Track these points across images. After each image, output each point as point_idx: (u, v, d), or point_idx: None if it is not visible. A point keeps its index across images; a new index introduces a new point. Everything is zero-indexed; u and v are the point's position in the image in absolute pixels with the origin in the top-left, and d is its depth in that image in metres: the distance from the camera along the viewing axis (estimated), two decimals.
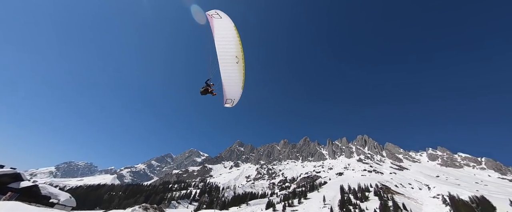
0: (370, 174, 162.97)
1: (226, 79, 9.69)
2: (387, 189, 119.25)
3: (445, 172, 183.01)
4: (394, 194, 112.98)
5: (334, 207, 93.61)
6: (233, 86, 9.87)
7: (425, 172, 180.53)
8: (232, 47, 9.05)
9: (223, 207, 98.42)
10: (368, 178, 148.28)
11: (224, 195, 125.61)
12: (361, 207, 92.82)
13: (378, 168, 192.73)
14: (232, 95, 10.15)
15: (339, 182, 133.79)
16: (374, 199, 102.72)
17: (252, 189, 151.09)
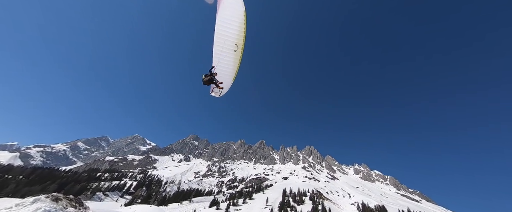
0: (309, 181, 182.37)
1: (219, 67, 8.87)
2: (320, 194, 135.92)
3: (363, 185, 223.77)
4: (325, 199, 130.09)
5: (275, 208, 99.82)
6: (224, 75, 9.16)
7: (350, 183, 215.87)
8: (235, 32, 8.19)
9: (162, 202, 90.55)
10: (307, 184, 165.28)
11: (165, 189, 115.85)
12: (297, 210, 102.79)
13: (317, 176, 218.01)
14: (225, 81, 9.33)
15: (283, 186, 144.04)
16: (308, 203, 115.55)
17: (199, 185, 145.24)
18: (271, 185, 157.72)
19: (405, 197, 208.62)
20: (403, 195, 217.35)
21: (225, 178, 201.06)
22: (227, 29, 8.11)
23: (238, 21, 7.90)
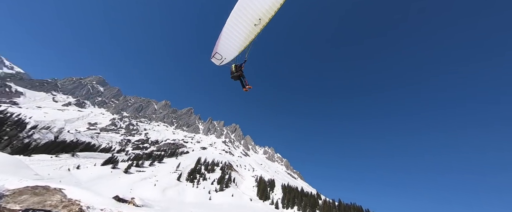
0: (225, 154, 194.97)
1: (230, 34, 7.84)
2: (230, 166, 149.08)
3: (266, 163, 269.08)
4: (233, 171, 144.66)
5: (184, 173, 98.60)
6: (232, 45, 8.05)
7: (257, 160, 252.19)
8: (266, 7, 7.26)
9: (22, 151, 65.13)
10: (223, 156, 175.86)
11: (32, 135, 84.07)
12: (206, 176, 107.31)
13: (233, 151, 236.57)
14: (226, 53, 8.26)
15: (199, 155, 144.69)
16: (218, 172, 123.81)
17: (93, 139, 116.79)
18: (187, 152, 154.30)
19: (289, 175, 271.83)
20: (288, 173, 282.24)
21: (134, 137, 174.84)
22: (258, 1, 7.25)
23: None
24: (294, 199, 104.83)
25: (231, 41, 8.03)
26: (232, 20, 7.56)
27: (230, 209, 60.27)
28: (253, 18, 7.58)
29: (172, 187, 78.04)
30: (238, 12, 7.43)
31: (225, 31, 7.82)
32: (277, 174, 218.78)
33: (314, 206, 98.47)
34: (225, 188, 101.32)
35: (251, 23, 7.65)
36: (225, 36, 7.93)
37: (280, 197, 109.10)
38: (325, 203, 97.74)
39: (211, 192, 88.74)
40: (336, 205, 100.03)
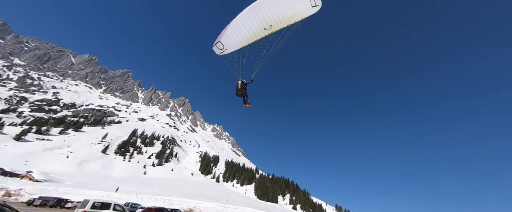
0: (169, 128, 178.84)
1: (238, 29, 7.84)
2: (173, 141, 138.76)
3: (213, 140, 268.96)
4: (176, 145, 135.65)
5: (113, 146, 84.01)
6: (237, 39, 8.10)
7: (204, 137, 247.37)
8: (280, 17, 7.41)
9: None
10: (166, 130, 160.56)
11: None
12: (143, 150, 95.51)
13: (178, 126, 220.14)
14: (229, 45, 8.31)
15: (135, 126, 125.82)
16: (159, 146, 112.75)
17: None
18: (119, 122, 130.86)
19: (234, 152, 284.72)
20: (234, 151, 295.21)
21: (34, 95, 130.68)
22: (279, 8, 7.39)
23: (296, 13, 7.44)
24: (235, 173, 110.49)
25: (237, 35, 8.05)
26: (244, 16, 7.56)
27: (166, 183, 56.25)
28: (265, 22, 7.64)
29: (95, 161, 64.96)
30: (252, 11, 7.43)
31: (234, 24, 7.75)
32: (222, 151, 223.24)
33: (252, 179, 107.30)
34: (164, 163, 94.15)
35: (262, 25, 7.71)
36: (232, 29, 7.90)
37: (222, 172, 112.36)
38: (261, 176, 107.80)
39: (147, 167, 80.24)
40: (270, 178, 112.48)
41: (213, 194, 46.81)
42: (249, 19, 7.67)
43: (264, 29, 7.77)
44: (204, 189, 55.22)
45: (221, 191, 60.66)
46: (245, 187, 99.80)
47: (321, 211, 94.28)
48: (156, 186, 50.87)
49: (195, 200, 27.43)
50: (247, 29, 7.87)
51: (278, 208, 62.93)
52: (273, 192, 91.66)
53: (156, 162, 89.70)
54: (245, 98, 8.92)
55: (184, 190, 42.90)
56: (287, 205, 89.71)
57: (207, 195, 40.01)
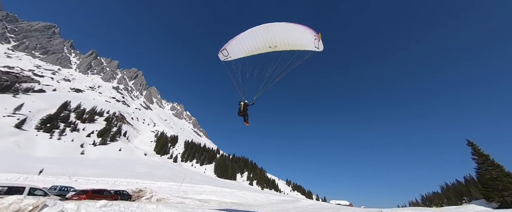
0: (117, 103, 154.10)
1: (244, 41, 8.42)
2: (122, 118, 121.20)
3: (172, 120, 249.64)
4: (125, 123, 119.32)
5: (33, 120, 66.06)
6: (241, 49, 8.74)
7: (161, 115, 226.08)
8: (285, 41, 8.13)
9: None
10: (112, 105, 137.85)
11: None
12: (78, 127, 79.82)
13: (129, 101, 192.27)
14: (233, 53, 8.90)
15: (68, 98, 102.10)
16: (101, 123, 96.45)
17: None
18: (41, 91, 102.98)
19: (195, 133, 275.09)
20: (195, 131, 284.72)
21: None
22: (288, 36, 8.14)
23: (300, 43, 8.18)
24: (194, 154, 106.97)
25: (242, 46, 8.81)
26: (252, 32, 8.20)
27: (112, 163, 48.62)
28: (270, 41, 8.32)
29: (4, 137, 49.59)
30: (262, 29, 8.08)
31: (241, 37, 8.48)
32: (182, 131, 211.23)
33: (212, 159, 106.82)
34: (109, 142, 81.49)
35: (267, 44, 8.43)
36: (239, 40, 8.63)
37: (181, 152, 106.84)
38: (222, 156, 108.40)
39: (86, 146, 67.50)
40: (230, 157, 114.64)
41: (169, 174, 42.97)
42: (256, 35, 8.16)
43: (268, 46, 8.35)
44: (159, 169, 50.47)
45: (178, 171, 57.13)
46: (205, 166, 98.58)
47: (274, 185, 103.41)
48: (99, 167, 43.18)
49: (148, 181, 24.43)
50: (253, 43, 8.40)
51: (236, 184, 64.50)
52: (232, 170, 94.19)
53: (98, 141, 76.55)
54: (246, 118, 9.39)
55: (135, 171, 37.50)
56: (245, 181, 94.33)
57: (162, 175, 36.29)
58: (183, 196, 16.18)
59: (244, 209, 12.71)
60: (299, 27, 7.55)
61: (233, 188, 31.38)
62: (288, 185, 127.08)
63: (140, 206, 8.76)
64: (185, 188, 21.51)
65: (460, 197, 48.86)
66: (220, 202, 16.07)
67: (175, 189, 19.77)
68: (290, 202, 23.55)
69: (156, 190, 16.21)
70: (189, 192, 19.18)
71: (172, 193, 16.62)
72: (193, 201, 14.62)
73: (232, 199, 18.97)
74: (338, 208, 22.20)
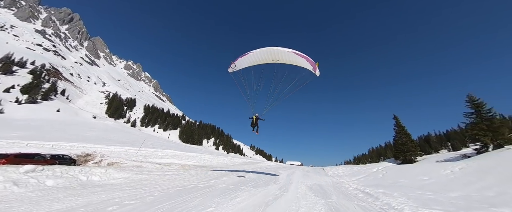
0: (45, 53, 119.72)
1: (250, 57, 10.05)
2: (56, 73, 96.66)
3: (127, 80, 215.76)
4: (62, 79, 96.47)
5: None
6: (247, 62, 10.28)
7: (112, 74, 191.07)
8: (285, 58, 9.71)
9: None
10: (38, 55, 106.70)
11: None
12: None
13: (65, 52, 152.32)
14: (240, 65, 10.42)
15: None
16: (25, 76, 73.74)
17: None
18: None
19: (157, 97, 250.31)
20: (157, 96, 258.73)
21: None
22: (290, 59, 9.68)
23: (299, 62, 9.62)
24: (157, 119, 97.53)
25: (248, 59, 10.28)
26: (259, 51, 9.78)
27: (49, 125, 38.45)
28: (273, 57, 9.88)
29: None
30: (266, 50, 9.71)
31: (248, 57, 10.04)
32: (141, 94, 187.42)
33: (177, 124, 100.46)
34: (41, 101, 64.53)
35: (270, 58, 9.99)
36: (247, 59, 10.18)
37: (140, 117, 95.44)
38: (187, 122, 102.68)
39: (4, 103, 51.19)
40: (197, 124, 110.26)
41: (126, 138, 36.44)
42: (262, 53, 9.81)
43: (271, 59, 10.00)
44: (114, 133, 42.77)
45: (138, 136, 50.12)
46: (169, 132, 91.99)
47: (239, 150, 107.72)
48: (30, 129, 33.07)
49: (99, 145, 20.90)
50: (257, 58, 10.06)
51: (202, 149, 62.46)
52: (199, 136, 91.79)
53: (23, 99, 59.06)
54: (256, 128, 10.86)
55: (82, 135, 29.53)
56: (211, 146, 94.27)
57: (118, 140, 30.47)
58: (141, 160, 14.88)
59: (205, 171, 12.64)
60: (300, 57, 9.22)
61: (198, 153, 29.28)
62: (252, 150, 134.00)
63: (84, 170, 7.51)
64: (144, 152, 19.90)
65: (379, 157, 62.84)
66: (182, 165, 15.34)
67: (133, 154, 17.91)
68: (251, 163, 25.30)
69: (109, 155, 14.40)
70: (149, 156, 17.76)
71: (129, 158, 14.88)
72: (152, 165, 13.43)
73: (195, 162, 18.31)
74: (291, 167, 27.95)
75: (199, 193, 5.69)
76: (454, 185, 7.32)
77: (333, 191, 7.32)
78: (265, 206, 4.65)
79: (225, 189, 6.53)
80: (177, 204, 4.47)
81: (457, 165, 10.02)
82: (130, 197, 4.90)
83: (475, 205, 4.92)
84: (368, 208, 4.93)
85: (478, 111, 21.15)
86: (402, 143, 30.93)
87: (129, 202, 4.42)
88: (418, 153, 31.08)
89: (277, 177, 11.15)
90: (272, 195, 6.06)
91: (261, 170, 16.85)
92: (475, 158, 12.24)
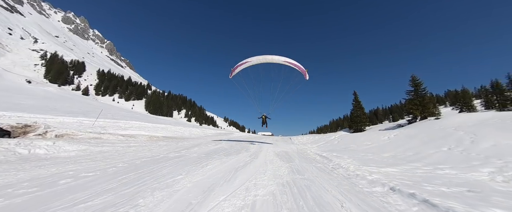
0: None
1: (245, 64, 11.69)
2: None
3: (69, 37, 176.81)
4: None
5: None
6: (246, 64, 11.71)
7: (46, 28, 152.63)
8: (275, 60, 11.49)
9: None
10: None
11: None
12: None
13: None
14: (239, 68, 11.89)
15: None
16: None
17: None
18: None
19: (114, 62, 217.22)
20: (112, 60, 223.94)
21: None
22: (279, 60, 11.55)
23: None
24: (115, 87, 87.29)
25: (245, 64, 11.82)
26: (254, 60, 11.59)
27: None
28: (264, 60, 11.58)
29: None
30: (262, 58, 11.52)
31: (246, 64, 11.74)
32: (91, 56, 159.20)
33: (142, 95, 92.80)
34: None
35: (265, 60, 11.59)
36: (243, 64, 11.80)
37: (94, 84, 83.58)
38: (154, 92, 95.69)
39: None
40: (165, 94, 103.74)
41: (77, 108, 32.39)
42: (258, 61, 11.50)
43: (266, 60, 11.50)
44: (62, 102, 37.06)
45: (94, 106, 44.77)
46: (133, 102, 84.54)
47: (212, 122, 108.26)
48: None
49: (42, 115, 17.61)
50: (254, 60, 11.57)
51: (172, 121, 60.63)
52: (168, 108, 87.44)
53: None
54: (266, 125, 12.90)
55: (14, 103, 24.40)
56: (182, 118, 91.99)
57: (67, 110, 26.83)
58: (100, 132, 13.17)
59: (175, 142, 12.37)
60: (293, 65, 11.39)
61: (168, 124, 28.51)
62: (226, 122, 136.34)
63: (24, 143, 6.42)
64: (103, 124, 17.92)
65: (337, 127, 74.38)
66: (150, 137, 14.35)
67: (88, 125, 15.71)
68: (224, 134, 25.77)
69: (57, 126, 12.31)
70: (110, 128, 15.85)
71: (83, 129, 13.04)
72: (113, 136, 12.23)
73: (165, 134, 17.46)
74: (262, 137, 28.95)
75: (169, 163, 5.60)
76: (388, 148, 9.12)
77: (297, 156, 8.27)
78: (235, 171, 4.99)
79: (196, 158, 6.62)
80: (144, 173, 4.34)
81: (392, 133, 12.33)
82: (87, 169, 4.50)
83: (398, 162, 6.33)
84: (323, 168, 5.83)
85: (416, 89, 25.29)
86: (356, 115, 35.71)
87: (87, 175, 4.07)
88: (367, 123, 36.65)
89: (249, 146, 11.75)
90: (243, 161, 6.49)
91: (234, 139, 17.41)
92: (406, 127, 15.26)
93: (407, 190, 3.33)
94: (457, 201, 2.85)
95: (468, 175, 4.50)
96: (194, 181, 3.93)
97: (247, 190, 3.56)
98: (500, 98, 28.19)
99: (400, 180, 4.16)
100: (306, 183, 4.10)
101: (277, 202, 3.04)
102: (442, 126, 12.95)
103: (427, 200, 2.85)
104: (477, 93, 49.17)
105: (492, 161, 5.21)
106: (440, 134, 9.32)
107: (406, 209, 2.77)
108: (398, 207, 2.83)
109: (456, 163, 5.55)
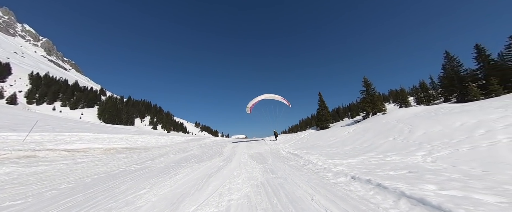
0: None
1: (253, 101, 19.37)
2: None
3: None
4: None
5: None
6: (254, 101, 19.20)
7: None
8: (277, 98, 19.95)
9: None
10: None
11: None
12: None
13: None
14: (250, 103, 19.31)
15: None
16: None
17: None
18: None
19: (52, 63, 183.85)
20: (52, 61, 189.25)
21: None
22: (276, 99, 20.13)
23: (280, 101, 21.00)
24: (57, 93, 74.26)
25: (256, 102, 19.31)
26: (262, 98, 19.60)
27: None
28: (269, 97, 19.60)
29: None
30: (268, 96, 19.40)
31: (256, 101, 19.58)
32: (21, 57, 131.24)
33: (93, 101, 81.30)
34: None
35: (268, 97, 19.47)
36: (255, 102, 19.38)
37: (25, 91, 69.43)
38: (110, 99, 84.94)
39: None
40: (124, 100, 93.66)
41: (0, 121, 26.30)
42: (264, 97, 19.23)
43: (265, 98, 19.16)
44: None
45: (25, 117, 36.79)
46: (81, 111, 73.18)
47: (182, 128, 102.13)
48: None
49: None
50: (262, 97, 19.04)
51: (133, 129, 54.93)
52: (129, 115, 78.50)
53: None
54: (276, 137, 19.51)
55: None
56: (146, 126, 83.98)
57: None
58: (34, 148, 11.17)
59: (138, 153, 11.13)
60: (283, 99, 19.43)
61: (129, 134, 25.26)
62: (197, 127, 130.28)
63: None
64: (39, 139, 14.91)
65: (306, 126, 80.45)
66: (105, 149, 12.62)
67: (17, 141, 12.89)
68: (196, 140, 24.57)
69: None
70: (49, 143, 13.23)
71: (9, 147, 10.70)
72: (54, 153, 10.30)
73: (124, 145, 15.66)
74: (236, 140, 28.62)
75: (129, 177, 4.97)
76: (348, 141, 10.22)
77: (270, 156, 8.48)
78: (207, 178, 4.79)
79: (163, 168, 6.08)
80: (96, 193, 3.71)
81: (351, 128, 13.89)
82: (14, 196, 3.56)
83: (357, 153, 7.17)
84: (294, 165, 6.14)
85: (367, 89, 29.11)
86: (322, 114, 38.83)
87: (13, 203, 3.22)
88: (331, 121, 40.21)
89: (222, 151, 11.54)
90: (216, 167, 6.29)
91: (206, 145, 16.88)
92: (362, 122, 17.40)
93: (364, 177, 3.81)
94: (401, 181, 3.41)
95: (408, 159, 5.44)
96: (160, 194, 3.59)
97: (220, 196, 3.47)
98: (426, 95, 35.09)
99: (359, 169, 4.73)
100: (279, 182, 4.25)
101: (251, 204, 3.06)
102: (388, 120, 15.31)
103: (380, 184, 3.33)
104: (410, 92, 60.10)
105: (423, 146, 6.43)
106: (387, 127, 10.97)
107: (364, 193, 3.20)
108: (358, 193, 3.23)
109: (399, 150, 6.63)
